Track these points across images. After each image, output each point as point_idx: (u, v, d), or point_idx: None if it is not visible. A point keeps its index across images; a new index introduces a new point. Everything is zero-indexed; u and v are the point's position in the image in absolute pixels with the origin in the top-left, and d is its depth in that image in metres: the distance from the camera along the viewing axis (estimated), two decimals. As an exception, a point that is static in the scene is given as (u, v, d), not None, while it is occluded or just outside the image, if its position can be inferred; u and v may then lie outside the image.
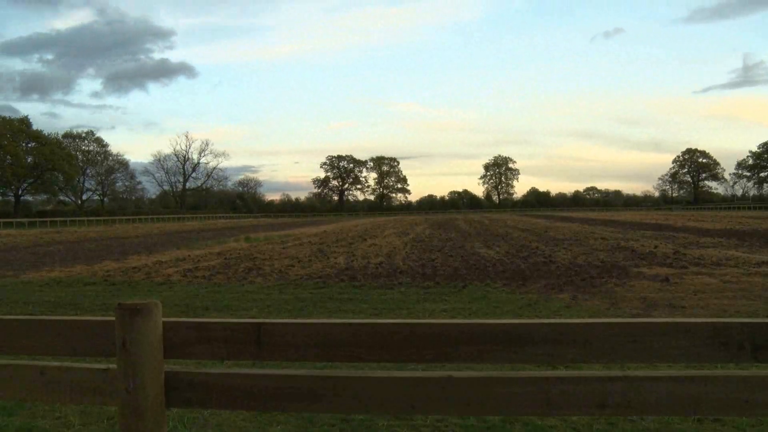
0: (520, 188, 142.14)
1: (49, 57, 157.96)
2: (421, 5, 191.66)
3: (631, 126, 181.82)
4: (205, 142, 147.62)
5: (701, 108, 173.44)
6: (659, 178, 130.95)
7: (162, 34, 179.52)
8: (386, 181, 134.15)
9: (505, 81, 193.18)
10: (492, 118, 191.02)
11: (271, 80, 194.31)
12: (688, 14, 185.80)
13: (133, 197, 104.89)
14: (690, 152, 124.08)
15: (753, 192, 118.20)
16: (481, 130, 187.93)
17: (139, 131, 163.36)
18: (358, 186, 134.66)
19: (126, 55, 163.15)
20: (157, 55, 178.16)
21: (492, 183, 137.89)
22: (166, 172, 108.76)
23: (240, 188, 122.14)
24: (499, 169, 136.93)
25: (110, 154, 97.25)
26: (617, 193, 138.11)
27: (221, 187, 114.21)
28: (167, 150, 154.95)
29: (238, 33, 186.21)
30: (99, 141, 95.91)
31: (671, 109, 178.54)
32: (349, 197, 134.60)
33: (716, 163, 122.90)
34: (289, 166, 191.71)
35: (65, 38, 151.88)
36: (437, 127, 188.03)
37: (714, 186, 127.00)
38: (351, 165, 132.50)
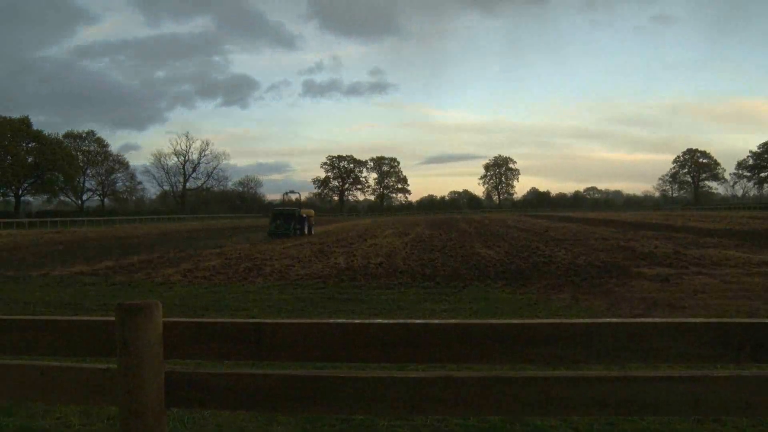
0: (520, 188, 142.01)
1: (121, 58, 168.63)
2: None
3: (637, 127, 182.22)
4: (205, 142, 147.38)
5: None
6: (660, 178, 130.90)
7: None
8: (386, 181, 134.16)
9: (504, 83, 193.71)
10: (492, 119, 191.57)
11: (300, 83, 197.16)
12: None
13: (134, 197, 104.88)
14: (690, 152, 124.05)
15: (753, 192, 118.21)
16: (482, 130, 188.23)
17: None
18: (359, 186, 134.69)
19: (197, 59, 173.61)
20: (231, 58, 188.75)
21: (492, 183, 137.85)
22: (167, 172, 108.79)
23: (240, 188, 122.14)
24: (500, 170, 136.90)
25: (110, 155, 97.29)
26: (617, 193, 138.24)
27: (221, 187, 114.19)
28: (167, 150, 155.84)
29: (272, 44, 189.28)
30: (99, 141, 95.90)
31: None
32: (350, 197, 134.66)
33: (716, 164, 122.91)
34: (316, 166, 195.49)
35: (140, 42, 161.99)
36: (441, 127, 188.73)
37: (714, 186, 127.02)
38: (351, 165, 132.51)
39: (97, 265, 16.19)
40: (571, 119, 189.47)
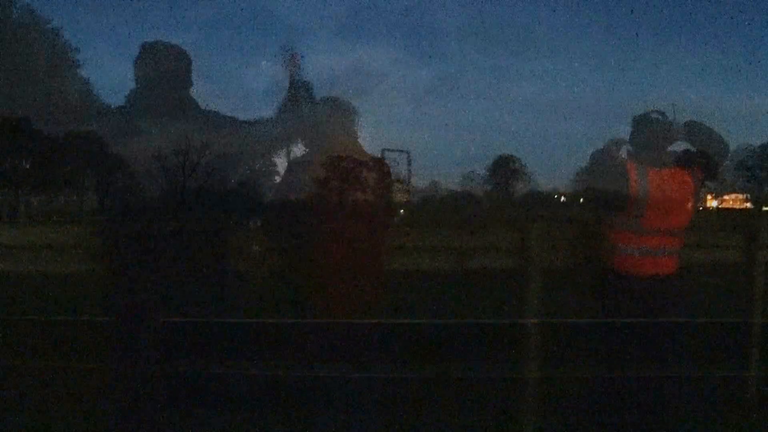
0: (520, 188, 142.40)
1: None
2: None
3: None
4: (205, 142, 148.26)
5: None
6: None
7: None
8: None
9: (504, 84, 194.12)
10: (494, 119, 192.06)
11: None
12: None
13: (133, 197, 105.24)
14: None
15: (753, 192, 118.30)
16: (483, 129, 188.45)
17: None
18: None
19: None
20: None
21: (493, 183, 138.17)
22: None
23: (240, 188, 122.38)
24: (500, 170, 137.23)
25: (111, 155, 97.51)
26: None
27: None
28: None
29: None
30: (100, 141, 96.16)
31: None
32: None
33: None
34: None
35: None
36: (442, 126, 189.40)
37: (714, 186, 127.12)
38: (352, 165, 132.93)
39: (97, 265, 16.18)
40: (570, 118, 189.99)
